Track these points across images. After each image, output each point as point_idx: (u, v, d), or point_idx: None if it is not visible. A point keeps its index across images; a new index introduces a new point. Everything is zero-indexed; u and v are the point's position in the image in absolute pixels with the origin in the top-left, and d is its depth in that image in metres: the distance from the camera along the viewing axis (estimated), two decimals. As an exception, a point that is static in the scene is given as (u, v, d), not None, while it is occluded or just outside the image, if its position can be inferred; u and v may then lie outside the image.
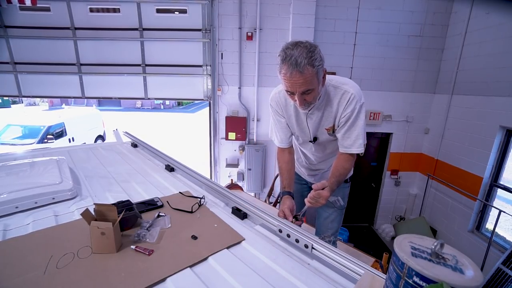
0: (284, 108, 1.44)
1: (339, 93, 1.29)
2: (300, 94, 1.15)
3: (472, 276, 0.55)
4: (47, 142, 6.77)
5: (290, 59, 1.07)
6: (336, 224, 1.71)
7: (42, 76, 4.55)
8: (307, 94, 1.17)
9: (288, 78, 1.12)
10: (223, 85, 4.50)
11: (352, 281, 0.86)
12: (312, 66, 1.08)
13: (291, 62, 1.07)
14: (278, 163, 1.59)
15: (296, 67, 1.07)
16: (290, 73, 1.09)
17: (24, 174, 1.58)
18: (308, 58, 1.07)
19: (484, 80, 3.67)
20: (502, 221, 3.36)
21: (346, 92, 1.28)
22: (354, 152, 1.34)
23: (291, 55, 1.07)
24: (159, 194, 1.45)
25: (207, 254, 0.95)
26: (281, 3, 4.15)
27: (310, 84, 1.12)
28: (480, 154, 3.68)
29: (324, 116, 1.36)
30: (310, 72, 1.09)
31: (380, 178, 5.08)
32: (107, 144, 2.62)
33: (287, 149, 1.56)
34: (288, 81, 1.13)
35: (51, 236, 1.02)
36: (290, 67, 1.08)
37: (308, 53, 1.07)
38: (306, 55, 1.07)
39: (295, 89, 1.14)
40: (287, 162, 1.54)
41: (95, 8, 4.30)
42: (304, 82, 1.11)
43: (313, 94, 1.18)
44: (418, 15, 4.27)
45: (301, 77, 1.09)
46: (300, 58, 1.06)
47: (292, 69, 1.08)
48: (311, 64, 1.08)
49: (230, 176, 4.85)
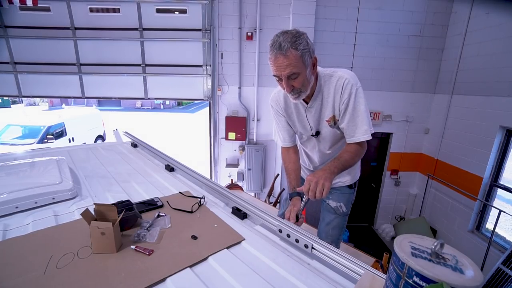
0: (284, 107, 1.44)
1: (333, 81, 1.28)
2: (286, 79, 1.16)
3: (472, 276, 0.55)
4: (47, 142, 6.77)
5: (275, 44, 1.11)
6: (337, 231, 1.64)
7: (42, 76, 4.56)
8: (294, 80, 1.17)
9: (273, 62, 1.14)
10: (223, 85, 4.50)
11: (352, 281, 0.86)
12: (295, 49, 1.10)
13: (275, 46, 1.11)
14: (284, 163, 1.54)
15: (280, 50, 1.10)
16: (274, 57, 1.13)
17: (24, 174, 1.58)
18: (292, 42, 1.10)
19: (484, 80, 3.67)
20: (502, 221, 3.36)
21: (340, 77, 1.27)
22: (361, 140, 1.27)
23: (277, 40, 1.12)
24: (159, 194, 1.45)
25: (207, 254, 0.95)
26: (281, 3, 4.15)
27: (294, 67, 1.12)
28: (480, 154, 3.68)
29: (323, 108, 1.34)
30: (293, 55, 1.10)
31: (380, 178, 5.08)
32: (107, 144, 2.62)
33: (291, 148, 1.53)
34: (273, 65, 1.15)
35: (51, 236, 1.02)
36: (274, 50, 1.12)
37: (292, 38, 1.10)
38: (291, 39, 1.10)
39: (280, 72, 1.15)
40: (293, 161, 1.49)
41: (95, 8, 4.31)
42: (289, 65, 1.12)
43: (300, 79, 1.17)
44: (418, 15, 4.27)
45: (285, 60, 1.11)
46: (284, 42, 1.10)
47: (276, 52, 1.11)
48: (294, 47, 1.10)
49: (230, 176, 4.85)
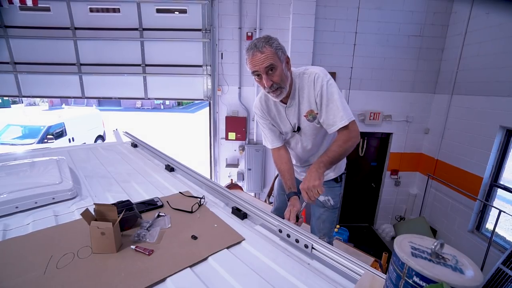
0: (266, 110, 1.54)
1: (305, 78, 1.38)
2: (265, 74, 1.25)
3: (472, 276, 0.55)
4: (47, 142, 6.77)
5: (251, 45, 1.24)
6: (328, 225, 1.67)
7: (42, 76, 4.55)
8: (272, 74, 1.26)
9: (250, 59, 1.25)
10: (223, 85, 4.50)
11: (352, 281, 0.86)
12: (270, 46, 1.23)
13: (251, 47, 1.24)
14: (276, 165, 1.59)
15: (256, 48, 1.22)
16: (251, 54, 1.23)
17: (24, 174, 1.58)
18: (266, 41, 1.23)
19: (484, 80, 3.67)
20: (502, 221, 3.36)
21: (311, 73, 1.36)
22: (340, 126, 1.32)
23: (252, 43, 1.25)
24: (159, 194, 1.45)
25: (207, 254, 0.95)
26: (281, 3, 4.15)
27: (271, 59, 1.23)
28: (480, 154, 3.68)
29: (300, 104, 1.42)
30: (269, 50, 1.22)
31: (380, 178, 5.08)
32: (107, 144, 2.62)
33: (281, 148, 1.58)
34: (251, 62, 1.25)
35: (51, 236, 1.02)
36: (250, 50, 1.24)
37: (266, 39, 1.24)
38: (265, 39, 1.24)
39: (258, 67, 1.24)
40: (285, 162, 1.54)
41: (95, 8, 4.30)
42: (265, 58, 1.22)
43: (278, 72, 1.26)
44: (418, 15, 4.27)
45: (261, 55, 1.22)
46: (259, 42, 1.23)
47: (253, 51, 1.23)
48: (269, 44, 1.23)
49: (230, 176, 4.85)
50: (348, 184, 4.92)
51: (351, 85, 4.43)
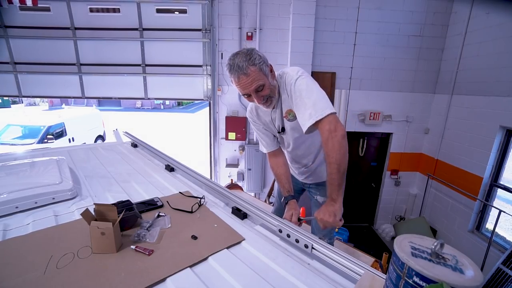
0: (257, 116, 1.56)
1: (283, 79, 1.38)
2: (255, 93, 1.26)
3: (472, 276, 0.55)
4: (47, 142, 6.77)
5: (234, 66, 1.21)
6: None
7: (42, 76, 4.55)
8: (261, 91, 1.27)
9: (237, 83, 1.25)
10: (223, 85, 4.50)
11: (352, 281, 0.86)
12: (253, 65, 1.21)
13: (235, 69, 1.21)
14: (272, 170, 1.61)
15: (240, 70, 1.20)
16: (238, 78, 1.22)
17: (24, 174, 1.58)
18: (247, 60, 1.20)
19: (484, 80, 3.67)
20: (502, 221, 3.36)
21: (283, 73, 1.37)
22: (307, 125, 1.19)
23: (233, 63, 1.21)
24: (159, 194, 1.45)
25: (207, 254, 0.95)
26: (281, 3, 4.15)
27: (258, 80, 1.23)
28: (480, 154, 3.68)
29: (282, 106, 1.44)
30: (253, 71, 1.21)
31: (380, 178, 5.08)
32: (107, 144, 2.62)
33: (277, 151, 1.60)
34: (239, 86, 1.25)
35: (51, 236, 1.02)
36: (235, 73, 1.21)
37: (246, 56, 1.21)
38: (245, 58, 1.20)
39: (248, 90, 1.25)
40: (281, 165, 1.57)
41: (95, 8, 4.30)
42: (253, 81, 1.22)
43: (266, 88, 1.28)
44: (418, 15, 4.27)
45: (247, 78, 1.21)
46: (241, 63, 1.20)
47: (238, 74, 1.21)
48: (252, 64, 1.20)
49: (230, 176, 4.85)
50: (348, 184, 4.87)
51: (351, 85, 4.43)
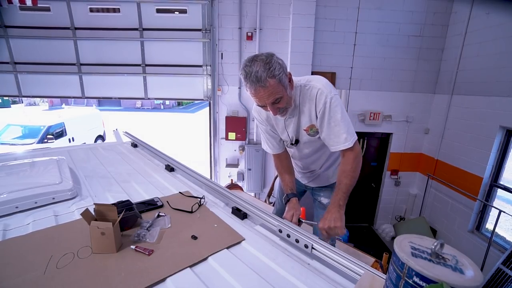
0: (265, 118, 1.48)
1: (307, 91, 1.30)
2: (271, 105, 1.19)
3: (472, 276, 0.55)
4: (47, 142, 6.77)
5: (251, 76, 1.10)
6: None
7: (42, 76, 4.55)
8: (278, 103, 1.19)
9: (254, 94, 1.16)
10: (223, 85, 4.50)
11: (352, 281, 0.86)
12: (273, 77, 1.11)
13: (251, 79, 1.10)
14: (277, 169, 1.59)
15: (258, 83, 1.10)
16: (254, 90, 1.13)
17: (24, 174, 1.58)
18: (267, 70, 1.09)
19: (484, 80, 3.67)
20: (502, 221, 3.36)
21: (313, 87, 1.28)
22: (342, 148, 1.28)
23: (250, 72, 1.10)
24: (159, 194, 1.45)
25: (207, 254, 0.95)
26: (281, 3, 4.15)
27: (276, 94, 1.15)
28: (480, 154, 3.67)
29: (300, 117, 1.37)
30: (272, 84, 1.12)
31: (380, 178, 5.08)
32: (107, 144, 2.62)
33: (282, 154, 1.56)
34: (255, 97, 1.17)
35: (51, 236, 1.02)
36: (252, 84, 1.12)
37: (265, 66, 1.10)
38: (264, 68, 1.10)
39: (264, 102, 1.17)
40: (286, 166, 1.55)
41: (95, 8, 4.30)
42: (270, 94, 1.14)
43: (283, 100, 1.20)
44: (418, 15, 4.27)
45: (265, 91, 1.12)
46: (259, 73, 1.09)
47: (255, 85, 1.11)
48: (271, 76, 1.10)
49: (230, 176, 4.85)
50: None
51: (351, 85, 4.43)
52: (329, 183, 1.66)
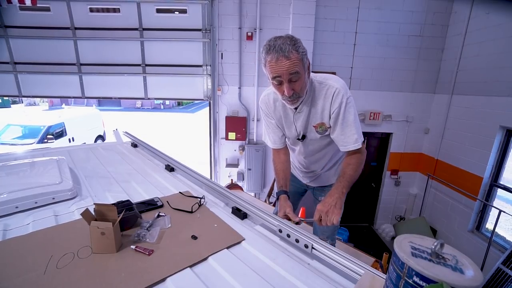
0: (273, 110, 1.46)
1: (324, 89, 1.30)
2: (288, 83, 1.16)
3: (472, 276, 0.55)
4: (47, 142, 6.77)
5: (275, 47, 1.12)
6: (332, 227, 1.66)
7: (42, 76, 4.55)
8: (295, 82, 1.17)
9: (274, 64, 1.14)
10: (223, 85, 4.50)
11: (352, 281, 0.86)
12: (297, 51, 1.12)
13: (276, 49, 1.11)
14: (273, 164, 1.58)
15: (282, 52, 1.10)
16: (276, 58, 1.12)
17: (24, 174, 1.58)
18: (292, 44, 1.12)
19: (484, 80, 3.67)
20: (502, 221, 3.36)
21: (331, 87, 1.28)
22: (353, 148, 1.31)
23: (275, 44, 1.12)
24: (159, 194, 1.45)
25: (207, 254, 0.95)
26: (281, 3, 4.15)
27: (296, 67, 1.13)
28: (480, 154, 3.68)
29: (311, 113, 1.36)
30: (295, 56, 1.12)
31: (380, 178, 5.08)
32: (107, 144, 2.62)
33: (281, 150, 1.56)
34: (274, 66, 1.14)
35: (51, 236, 1.02)
36: (275, 53, 1.11)
37: (291, 41, 1.13)
38: (290, 42, 1.12)
39: (282, 73, 1.14)
40: (282, 162, 1.54)
41: (95, 8, 4.30)
42: (291, 65, 1.12)
43: (300, 82, 1.18)
44: (418, 15, 4.27)
45: (287, 61, 1.11)
46: (284, 45, 1.11)
47: (278, 54, 1.11)
48: (295, 50, 1.12)
49: (230, 176, 4.85)
50: (348, 184, 4.91)
51: (351, 85, 4.43)
52: (329, 183, 1.66)
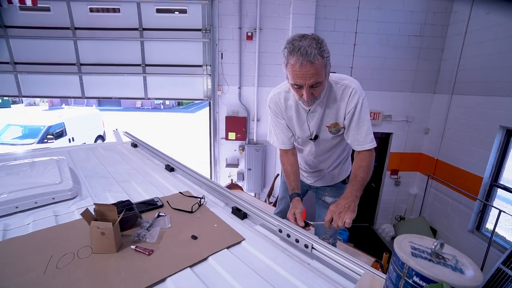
0: (284, 109, 1.41)
1: (340, 89, 1.27)
2: (308, 87, 1.11)
3: (472, 276, 0.55)
4: (47, 142, 6.77)
5: (300, 49, 1.04)
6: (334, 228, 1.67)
7: (42, 76, 4.55)
8: (315, 88, 1.13)
9: (298, 69, 1.07)
10: (223, 85, 4.50)
11: (352, 281, 0.86)
12: (321, 56, 1.06)
13: (300, 52, 1.04)
14: (282, 165, 1.53)
15: (307, 57, 1.03)
16: (300, 63, 1.05)
17: (24, 174, 1.58)
18: (318, 48, 1.05)
19: (484, 80, 3.67)
20: (502, 221, 3.36)
21: (347, 87, 1.26)
22: (367, 148, 1.31)
23: (299, 46, 1.05)
24: (159, 194, 1.45)
25: (207, 254, 0.95)
26: (281, 3, 4.15)
27: (319, 76, 1.09)
28: (480, 154, 3.68)
29: (326, 113, 1.33)
30: (320, 63, 1.06)
31: (380, 178, 5.08)
32: (107, 144, 2.62)
33: (290, 151, 1.51)
34: (298, 72, 1.08)
35: (51, 236, 1.02)
36: (300, 57, 1.04)
37: (317, 44, 1.06)
38: (316, 45, 1.05)
39: (305, 81, 1.08)
40: (292, 164, 1.49)
41: (95, 8, 4.30)
42: (315, 73, 1.07)
43: (320, 87, 1.14)
44: (418, 15, 4.27)
45: (311, 68, 1.05)
46: (310, 49, 1.03)
47: (303, 59, 1.04)
48: (321, 55, 1.06)
49: (230, 176, 4.85)
50: (348, 184, 4.91)
51: (351, 85, 4.42)
52: (334, 182, 1.66)
